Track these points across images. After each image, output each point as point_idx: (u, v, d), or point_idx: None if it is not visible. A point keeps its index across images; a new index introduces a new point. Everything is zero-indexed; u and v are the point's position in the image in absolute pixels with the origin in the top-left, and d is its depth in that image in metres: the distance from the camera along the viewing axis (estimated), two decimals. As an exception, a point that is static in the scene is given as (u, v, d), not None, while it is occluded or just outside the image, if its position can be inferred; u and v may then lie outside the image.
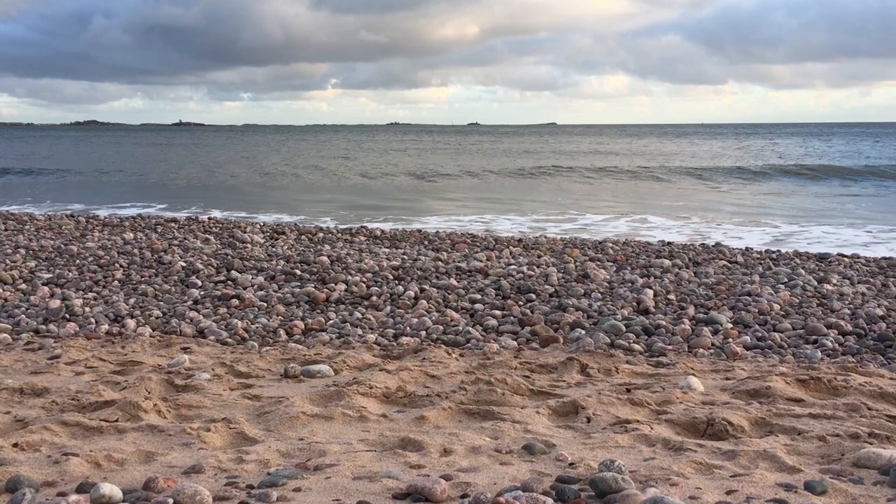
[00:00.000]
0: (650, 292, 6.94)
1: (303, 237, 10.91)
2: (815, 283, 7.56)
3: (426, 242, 10.46)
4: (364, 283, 7.41)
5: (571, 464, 2.99)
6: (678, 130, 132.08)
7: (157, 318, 6.21)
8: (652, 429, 3.44)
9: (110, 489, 2.61)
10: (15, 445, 3.15)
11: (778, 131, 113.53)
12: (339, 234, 11.24)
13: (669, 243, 10.86)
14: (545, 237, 11.74)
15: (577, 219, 15.66)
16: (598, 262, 8.67)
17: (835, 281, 7.69)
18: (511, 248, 9.85)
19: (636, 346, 5.44)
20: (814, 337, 5.70)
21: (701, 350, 5.37)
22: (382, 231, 11.79)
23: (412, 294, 6.96)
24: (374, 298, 6.87)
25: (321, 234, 11.17)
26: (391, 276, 7.71)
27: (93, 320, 6.07)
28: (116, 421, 3.54)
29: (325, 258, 8.51)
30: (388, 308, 6.63)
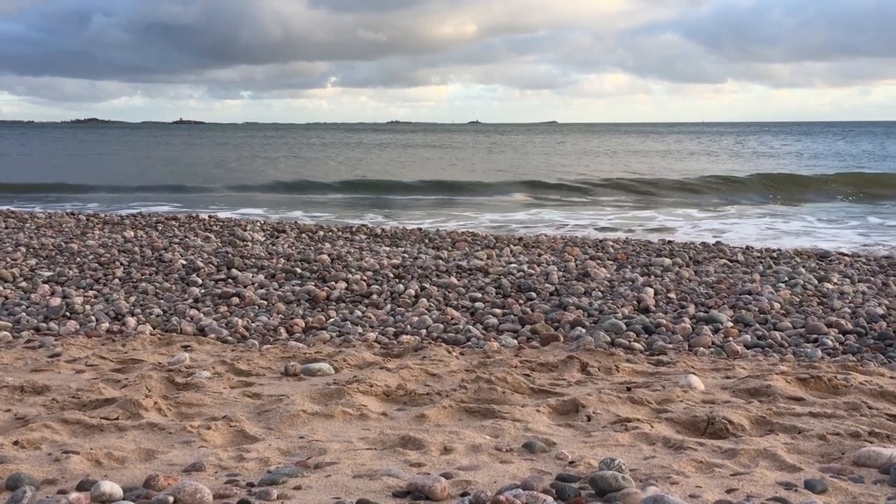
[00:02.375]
0: (651, 291, 6.94)
1: (303, 235, 10.91)
2: (816, 281, 7.56)
3: (427, 241, 10.46)
4: (364, 281, 7.41)
5: (571, 462, 2.99)
6: (720, 129, 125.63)
7: (157, 316, 6.21)
8: (652, 427, 3.44)
9: (111, 487, 2.61)
10: (15, 443, 3.15)
11: (810, 130, 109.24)
12: (340, 233, 11.24)
13: (670, 242, 10.86)
14: (545, 235, 11.74)
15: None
16: (599, 261, 8.67)
17: (835, 280, 7.69)
18: (511, 246, 9.85)
19: (637, 345, 5.44)
20: (814, 335, 5.70)
21: (701, 349, 5.37)
22: (383, 229, 11.79)
23: (413, 292, 6.96)
24: (375, 297, 6.87)
25: (321, 233, 11.17)
26: (392, 275, 7.71)
27: (93, 318, 6.07)
28: (117, 419, 3.54)
29: (325, 256, 8.51)
30: (389, 306, 6.63)
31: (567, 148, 55.37)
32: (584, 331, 5.76)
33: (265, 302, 6.69)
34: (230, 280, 7.50)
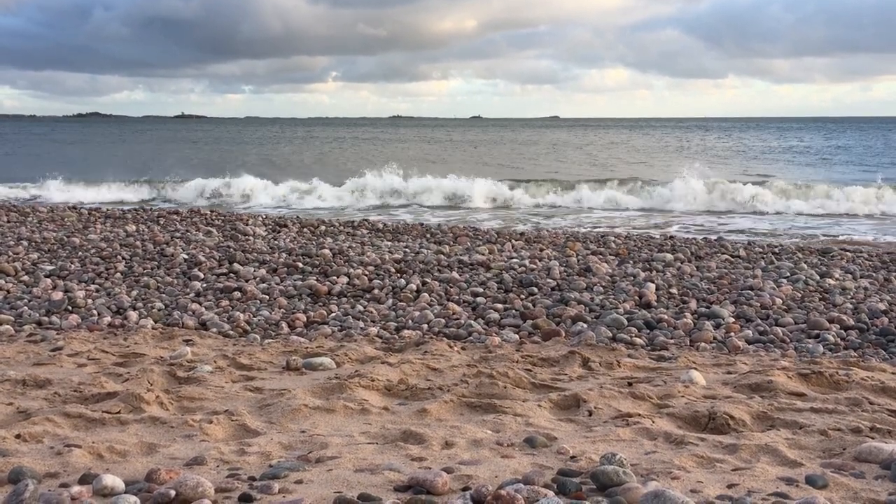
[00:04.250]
0: (652, 286, 6.94)
1: (305, 230, 10.91)
2: (818, 277, 7.55)
3: (428, 235, 10.46)
4: (366, 276, 7.41)
5: (573, 457, 2.99)
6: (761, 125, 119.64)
7: (159, 310, 6.22)
8: (653, 422, 3.45)
9: (112, 480, 2.62)
10: (18, 437, 3.16)
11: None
12: (341, 227, 11.24)
13: (672, 237, 10.85)
14: (547, 230, 11.74)
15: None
16: (601, 256, 8.67)
17: (837, 275, 7.68)
18: (513, 241, 9.85)
19: (638, 340, 5.44)
20: (816, 331, 5.70)
21: (703, 344, 5.37)
22: (384, 224, 11.79)
23: (414, 287, 6.96)
24: (376, 291, 6.87)
25: (323, 227, 11.17)
26: (393, 270, 7.71)
27: (95, 312, 6.07)
28: (119, 413, 3.55)
29: (327, 251, 8.51)
30: (390, 301, 6.64)
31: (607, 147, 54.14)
32: (585, 326, 5.76)
33: (267, 296, 6.70)
34: (232, 274, 7.51)
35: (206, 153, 41.87)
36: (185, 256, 8.14)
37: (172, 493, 2.52)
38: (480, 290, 6.91)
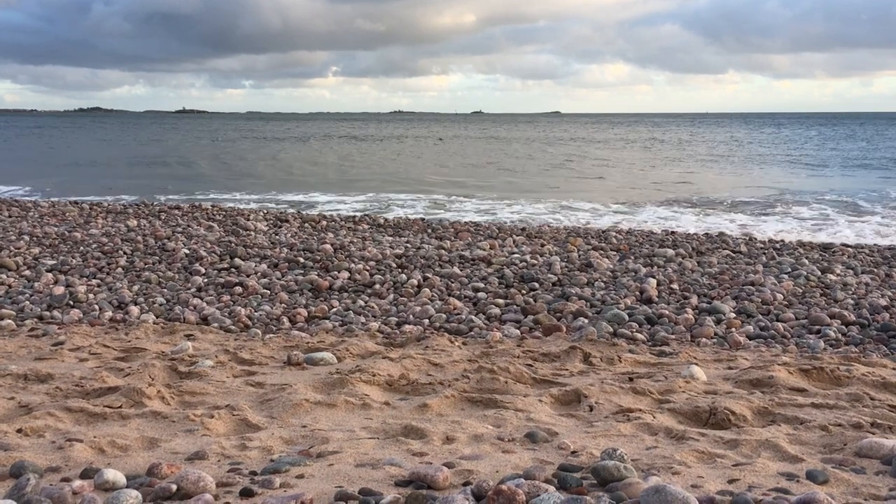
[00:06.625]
0: (653, 281, 6.93)
1: (306, 225, 10.91)
2: (819, 273, 7.55)
3: (429, 231, 10.46)
4: (367, 271, 7.42)
5: (574, 452, 2.99)
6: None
7: (160, 305, 6.22)
8: (654, 418, 3.45)
9: (114, 475, 2.62)
10: (19, 431, 3.16)
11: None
12: (343, 223, 11.24)
13: (673, 232, 10.85)
14: (548, 226, 11.73)
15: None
16: (602, 251, 8.66)
17: (838, 271, 7.68)
18: (514, 236, 9.85)
19: (639, 336, 5.44)
20: (817, 327, 5.69)
21: (704, 339, 5.37)
22: (386, 219, 11.78)
23: (415, 282, 6.96)
24: (378, 286, 6.88)
25: (324, 222, 11.17)
26: (394, 265, 7.71)
27: (96, 307, 6.08)
28: (120, 407, 3.55)
29: (328, 246, 8.52)
30: (392, 296, 6.64)
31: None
32: (586, 321, 5.76)
33: (268, 291, 6.70)
34: (233, 269, 7.51)
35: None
36: (187, 251, 8.15)
37: (174, 487, 2.53)
38: (481, 285, 6.91)
